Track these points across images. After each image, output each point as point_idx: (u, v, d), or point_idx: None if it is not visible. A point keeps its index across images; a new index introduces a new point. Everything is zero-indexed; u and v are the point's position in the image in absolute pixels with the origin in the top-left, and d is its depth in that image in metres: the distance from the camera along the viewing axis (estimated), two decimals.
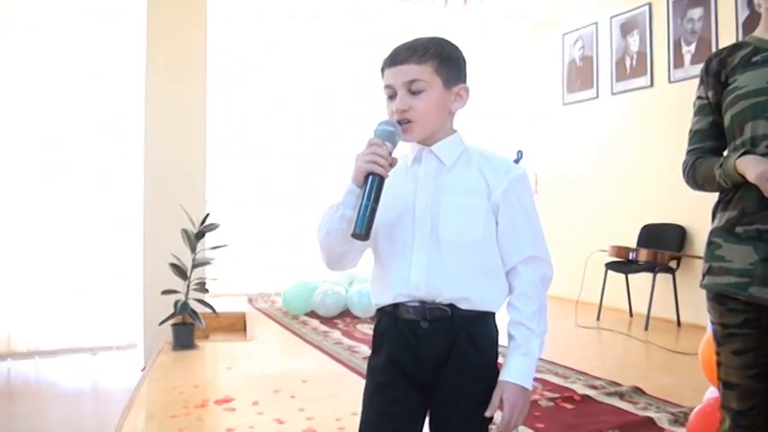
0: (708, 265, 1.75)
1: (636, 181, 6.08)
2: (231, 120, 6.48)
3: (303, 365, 4.18)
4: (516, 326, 1.49)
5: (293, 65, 6.60)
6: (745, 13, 5.15)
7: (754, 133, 1.63)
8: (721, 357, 1.74)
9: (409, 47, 1.48)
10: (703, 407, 2.67)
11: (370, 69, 6.59)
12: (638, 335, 5.18)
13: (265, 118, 6.67)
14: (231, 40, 6.39)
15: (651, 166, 5.89)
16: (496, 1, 5.02)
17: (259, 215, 6.61)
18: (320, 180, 6.66)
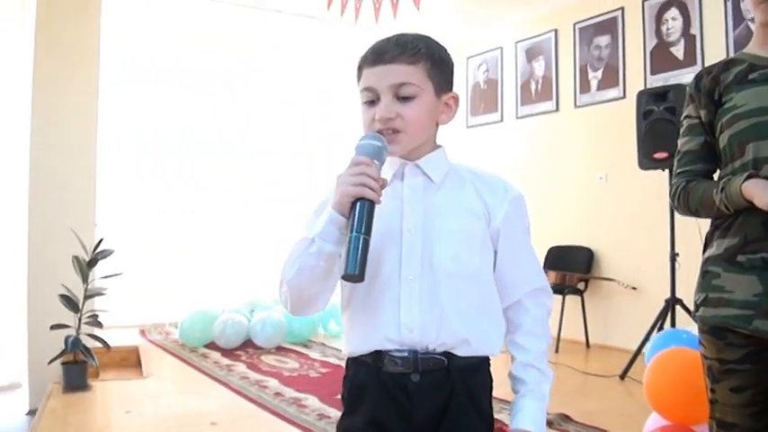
0: (704, 296, 1.66)
1: (542, 204, 6.12)
2: (123, 133, 6.02)
3: (210, 405, 3.85)
4: (526, 368, 1.33)
5: (187, 76, 6.23)
6: (653, 41, 5.33)
7: (756, 155, 1.55)
8: (717, 395, 1.64)
9: (397, 42, 1.26)
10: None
11: (275, 85, 6.43)
12: (550, 357, 5.16)
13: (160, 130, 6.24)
14: (131, 49, 5.98)
15: (557, 188, 5.98)
16: (401, 22, 4.93)
17: (149, 239, 6.13)
18: (220, 201, 6.31)
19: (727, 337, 1.59)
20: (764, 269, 1.52)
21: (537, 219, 5.85)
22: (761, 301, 1.52)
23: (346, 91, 6.94)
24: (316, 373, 4.61)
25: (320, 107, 6.87)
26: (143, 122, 6.04)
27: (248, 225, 6.39)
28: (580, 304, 5.55)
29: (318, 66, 6.81)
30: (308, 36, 6.68)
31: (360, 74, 1.29)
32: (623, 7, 5.58)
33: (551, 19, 6.25)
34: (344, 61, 6.92)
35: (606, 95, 5.67)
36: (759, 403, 1.58)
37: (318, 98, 6.85)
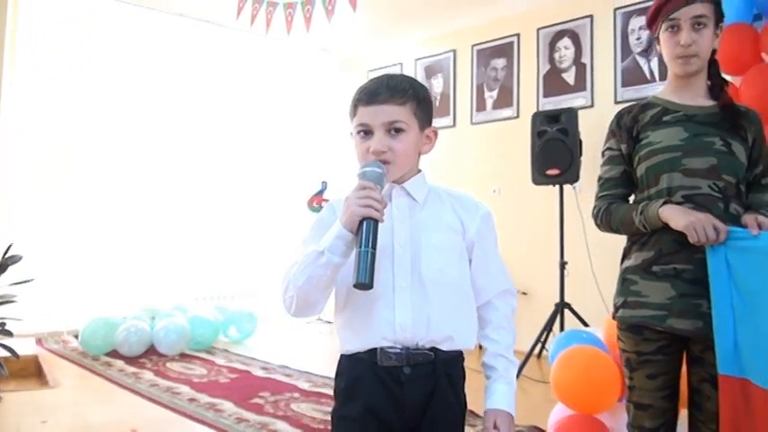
0: (623, 299, 2.01)
1: None
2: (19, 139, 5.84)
3: (126, 413, 3.91)
4: (496, 357, 1.61)
5: (92, 79, 6.14)
6: (546, 67, 5.85)
7: (670, 184, 1.92)
8: (634, 382, 2.00)
9: (388, 86, 1.51)
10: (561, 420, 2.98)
11: (177, 93, 6.45)
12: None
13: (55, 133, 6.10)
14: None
15: None
16: (306, 34, 5.17)
17: (42, 246, 5.96)
18: (112, 208, 6.20)
19: (643, 334, 1.96)
20: (676, 277, 1.89)
21: None
22: (673, 304, 1.89)
23: (248, 98, 7.09)
24: (225, 378, 4.73)
25: (229, 116, 6.96)
26: (39, 125, 5.89)
27: (143, 232, 6.33)
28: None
29: (225, 73, 6.90)
30: (215, 43, 6.77)
31: (355, 111, 1.54)
32: (519, 34, 6.09)
33: (451, 39, 6.68)
34: (249, 69, 7.08)
35: (501, 114, 6.15)
36: (670, 387, 1.96)
37: (226, 106, 6.93)
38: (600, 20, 5.56)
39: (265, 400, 4.16)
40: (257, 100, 7.21)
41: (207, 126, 6.78)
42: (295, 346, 6.12)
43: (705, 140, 1.90)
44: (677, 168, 1.91)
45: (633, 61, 5.31)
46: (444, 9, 6.12)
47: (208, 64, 6.75)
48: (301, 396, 4.27)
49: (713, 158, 1.89)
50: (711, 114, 1.95)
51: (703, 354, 1.85)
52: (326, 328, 6.97)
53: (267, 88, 7.28)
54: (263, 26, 5.39)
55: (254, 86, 7.18)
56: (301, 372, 4.95)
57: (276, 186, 7.31)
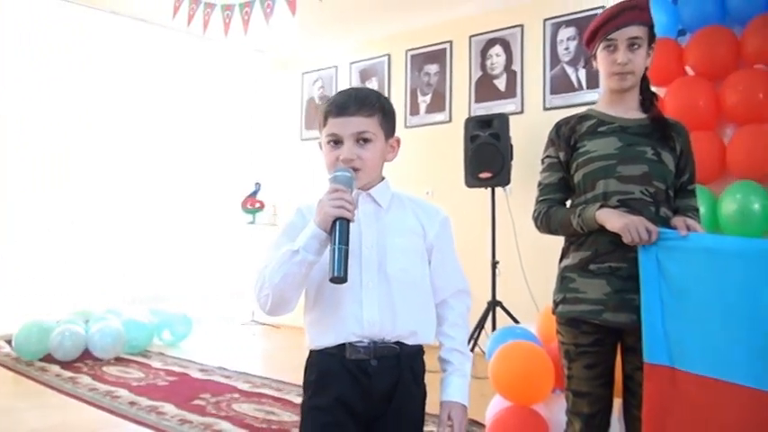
0: (562, 296, 2.20)
1: None
2: None
3: (70, 418, 3.88)
4: (451, 352, 1.76)
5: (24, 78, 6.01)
6: (478, 73, 6.08)
7: (605, 189, 2.11)
8: (573, 371, 2.19)
9: (357, 98, 1.64)
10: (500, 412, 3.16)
11: (107, 93, 6.38)
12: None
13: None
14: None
15: None
16: (240, 34, 5.23)
17: None
18: (47, 211, 6.08)
19: (581, 327, 2.14)
20: (611, 274, 2.08)
21: None
22: (608, 299, 2.08)
23: (181, 98, 7.06)
24: (163, 381, 4.75)
25: (162, 116, 6.92)
26: None
27: (74, 234, 6.22)
28: None
29: (157, 72, 6.86)
30: (146, 41, 6.72)
31: (325, 122, 1.66)
32: (452, 41, 6.32)
33: (385, 44, 6.86)
34: (182, 68, 7.05)
35: (434, 118, 6.35)
36: (605, 376, 2.15)
37: (159, 106, 6.89)
38: (530, 29, 5.83)
39: (206, 401, 4.22)
40: (190, 100, 7.19)
41: (138, 126, 6.72)
42: (230, 348, 6.17)
43: (638, 150, 2.10)
44: (612, 175, 2.10)
45: (561, 70, 5.59)
46: (379, 14, 6.29)
47: (139, 63, 6.70)
48: (242, 396, 4.35)
49: (645, 166, 2.08)
50: (643, 126, 2.15)
51: (636, 344, 2.04)
52: (260, 330, 7.05)
53: (200, 88, 7.28)
54: (201, 27, 5.40)
55: (187, 86, 7.16)
56: (239, 373, 5.02)
57: (209, 188, 7.31)
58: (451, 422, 1.69)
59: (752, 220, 3.53)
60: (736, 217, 3.56)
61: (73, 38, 6.25)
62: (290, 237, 1.61)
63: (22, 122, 5.95)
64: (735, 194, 3.62)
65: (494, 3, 5.91)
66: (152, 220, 6.79)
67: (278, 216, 7.38)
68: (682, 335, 1.88)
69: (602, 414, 2.16)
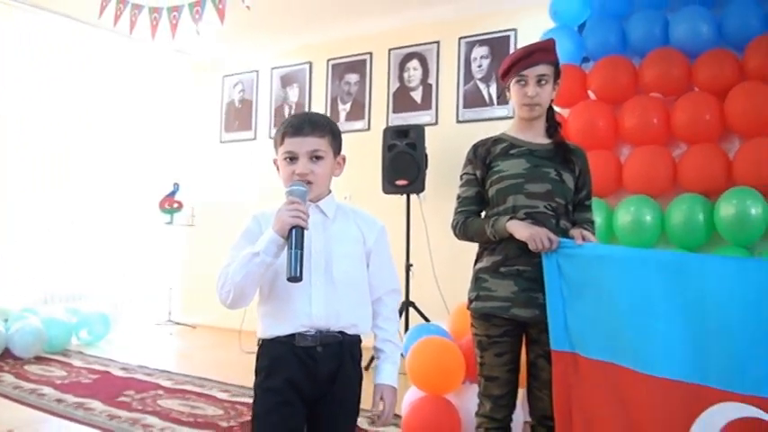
0: (476, 294, 2.56)
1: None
2: None
3: (3, 417, 3.96)
4: (385, 342, 2.08)
5: None
6: (396, 85, 6.46)
7: (515, 203, 2.49)
8: (485, 359, 2.55)
9: (310, 121, 1.93)
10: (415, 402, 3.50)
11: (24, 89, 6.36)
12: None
13: None
14: None
15: None
16: (160, 35, 5.38)
17: None
18: None
19: (492, 321, 2.51)
20: (518, 276, 2.46)
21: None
22: (516, 297, 2.45)
23: (99, 97, 7.10)
24: (86, 379, 4.88)
25: (80, 114, 6.93)
26: None
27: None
28: None
29: (75, 69, 6.86)
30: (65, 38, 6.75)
31: (282, 140, 1.93)
32: (372, 52, 6.67)
33: (307, 52, 7.15)
34: (100, 66, 7.10)
35: (353, 126, 6.68)
36: (512, 363, 2.52)
37: (76, 104, 6.89)
38: (446, 46, 6.25)
39: (131, 397, 4.40)
40: (110, 99, 7.23)
41: (56, 123, 6.72)
42: (148, 347, 6.31)
43: (543, 170, 2.49)
44: (521, 191, 2.48)
45: (474, 86, 6.03)
46: (302, 23, 6.58)
47: (59, 60, 6.70)
48: (166, 393, 4.55)
49: (548, 185, 2.47)
50: (548, 150, 2.54)
51: (539, 335, 2.43)
52: (176, 330, 7.19)
53: (120, 87, 7.32)
54: (127, 27, 5.49)
55: (107, 85, 7.19)
56: (161, 371, 5.21)
57: (128, 187, 7.37)
58: (383, 401, 2.02)
59: (644, 229, 4.05)
60: (630, 227, 4.07)
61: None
62: (249, 240, 1.89)
63: None
64: (629, 207, 4.13)
65: (413, 19, 6.30)
66: (70, 219, 6.80)
67: (195, 217, 7.50)
68: (580, 326, 2.28)
69: (509, 395, 2.53)
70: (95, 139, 7.07)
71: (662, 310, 2.07)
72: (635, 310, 2.15)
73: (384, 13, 6.31)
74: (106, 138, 7.21)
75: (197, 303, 7.48)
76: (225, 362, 5.75)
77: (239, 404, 4.33)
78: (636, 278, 2.18)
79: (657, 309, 2.08)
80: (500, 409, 2.52)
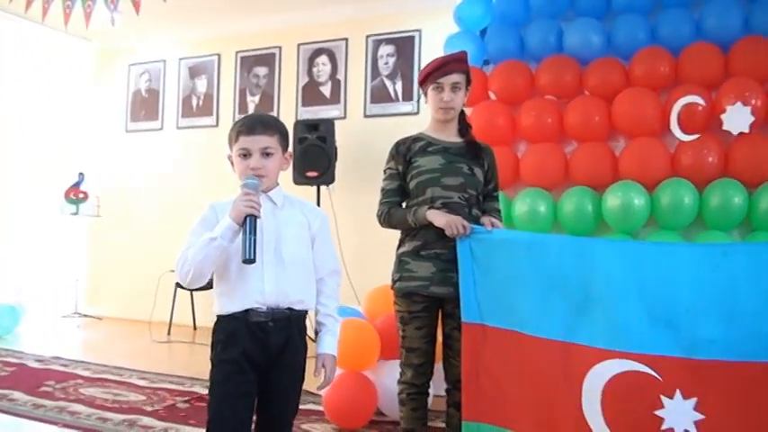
0: (399, 275, 2.91)
1: (201, 206, 7.04)
2: None
3: None
4: (326, 317, 2.38)
5: None
6: (305, 79, 6.76)
7: (433, 195, 2.85)
8: (406, 333, 2.90)
9: (262, 122, 2.22)
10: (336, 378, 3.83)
11: None
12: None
13: None
14: None
15: (215, 195, 6.88)
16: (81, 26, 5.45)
17: None
18: None
19: (413, 298, 2.86)
20: (436, 258, 2.82)
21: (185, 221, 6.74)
22: (434, 276, 2.82)
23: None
24: (3, 372, 4.93)
25: None
26: None
27: None
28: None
29: None
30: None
31: (237, 138, 2.21)
32: (281, 46, 6.94)
33: (216, 44, 7.33)
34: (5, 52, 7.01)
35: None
36: (430, 335, 2.89)
37: None
38: (354, 43, 6.60)
39: (53, 387, 4.50)
40: (12, 86, 7.17)
41: None
42: (58, 339, 6.38)
43: (456, 166, 2.87)
44: (438, 184, 2.85)
45: (381, 82, 6.42)
46: (211, 14, 6.76)
47: None
48: (86, 382, 4.68)
49: (461, 178, 2.86)
50: (460, 148, 2.93)
51: (454, 310, 2.80)
52: (83, 321, 7.24)
53: (19, 73, 7.26)
54: (40, 13, 5.49)
55: (5, 71, 7.11)
56: (77, 361, 5.31)
57: (32, 177, 7.33)
58: (325, 368, 2.34)
59: (539, 218, 4.53)
60: (527, 216, 4.55)
61: None
62: (205, 227, 2.17)
63: None
64: (525, 198, 4.61)
65: (322, 15, 6.62)
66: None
67: (101, 207, 7.54)
68: (488, 300, 2.67)
69: (427, 364, 2.91)
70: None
71: (557, 283, 2.50)
72: (534, 284, 2.56)
73: (293, 8, 6.60)
74: (7, 126, 7.14)
75: (103, 295, 7.56)
76: (137, 352, 5.90)
77: (160, 390, 4.53)
78: (536, 258, 2.60)
79: (554, 283, 2.51)
80: (419, 377, 2.89)
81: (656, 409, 2.25)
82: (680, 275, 2.32)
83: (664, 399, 2.25)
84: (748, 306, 2.19)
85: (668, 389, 2.24)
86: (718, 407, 2.20)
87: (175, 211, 7.28)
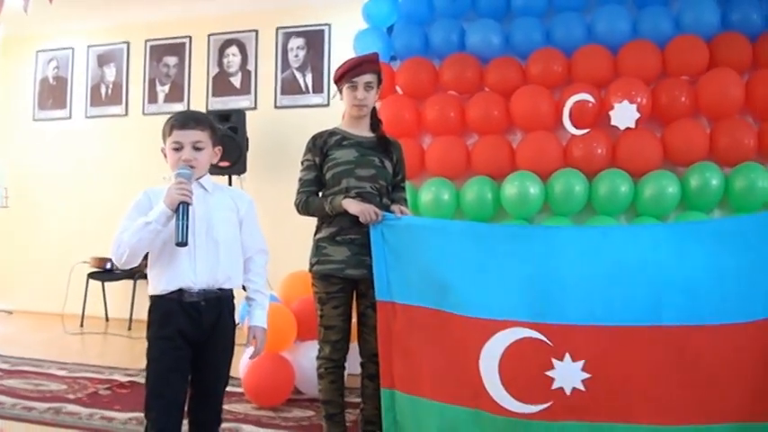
0: (317, 259, 3.15)
1: (109, 197, 6.98)
2: None
3: None
4: (255, 292, 2.60)
5: None
6: (216, 69, 6.88)
7: (347, 185, 3.10)
8: (324, 312, 3.14)
9: (193, 118, 2.43)
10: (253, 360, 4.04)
11: None
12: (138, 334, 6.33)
13: None
14: None
15: (123, 183, 6.93)
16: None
17: None
18: None
19: (330, 280, 3.10)
20: (351, 243, 3.06)
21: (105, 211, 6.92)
22: (349, 260, 3.06)
23: None
24: None
25: None
26: None
27: None
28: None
29: None
30: None
31: (170, 132, 2.40)
32: (191, 36, 7.02)
33: (125, 32, 7.32)
34: None
35: (172, 108, 6.94)
36: (346, 314, 3.12)
37: None
38: (264, 35, 6.76)
39: None
40: None
41: None
42: None
43: (369, 158, 3.13)
44: (352, 175, 3.10)
45: (291, 74, 6.61)
46: (119, 1, 6.69)
47: None
48: (5, 374, 4.69)
49: (373, 170, 3.12)
50: (372, 142, 3.19)
51: (367, 290, 3.06)
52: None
53: None
54: None
55: None
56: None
57: None
58: (256, 339, 2.57)
59: (442, 206, 4.87)
60: (432, 204, 4.88)
61: None
62: (140, 212, 2.34)
63: None
64: (430, 187, 4.94)
65: (232, 6, 6.70)
66: None
67: (10, 198, 7.42)
68: (398, 280, 2.95)
69: (343, 341, 3.16)
70: None
71: (459, 263, 2.80)
72: (439, 264, 2.85)
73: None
74: None
75: (13, 288, 7.46)
76: (52, 343, 5.89)
77: (80, 379, 4.60)
78: (440, 241, 2.89)
79: (456, 262, 2.80)
80: (337, 352, 3.15)
81: (547, 370, 2.59)
82: (566, 254, 2.68)
83: (554, 361, 2.58)
84: (625, 278, 2.56)
85: (558, 353, 2.58)
86: (603, 367, 2.54)
87: (86, 201, 7.31)
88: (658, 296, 2.52)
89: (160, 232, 2.29)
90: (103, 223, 6.95)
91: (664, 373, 2.49)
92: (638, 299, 2.54)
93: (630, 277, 2.56)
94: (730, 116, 4.60)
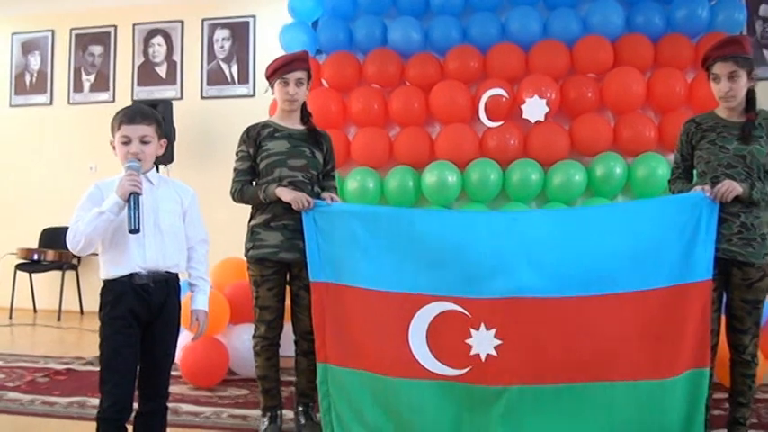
0: (252, 244, 3.32)
1: (35, 187, 7.05)
2: None
3: None
4: (198, 278, 2.78)
5: None
6: (141, 59, 6.94)
7: (280, 175, 3.29)
8: (259, 293, 3.31)
9: (141, 113, 2.57)
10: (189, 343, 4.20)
11: None
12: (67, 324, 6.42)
13: None
14: None
15: (49, 173, 7.00)
16: None
17: None
18: None
19: (265, 263, 3.28)
20: (284, 228, 3.23)
21: (32, 202, 6.91)
22: (282, 244, 3.25)
23: None
24: None
25: None
26: None
27: None
28: (76, 278, 6.87)
29: None
30: None
31: (119, 126, 2.54)
32: (116, 26, 7.05)
33: (49, 20, 7.27)
34: None
35: (98, 97, 7.03)
36: (280, 295, 3.26)
37: None
38: (189, 26, 6.85)
39: None
40: None
41: None
42: None
43: (300, 149, 3.33)
44: (284, 165, 3.28)
45: (217, 65, 6.74)
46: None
47: None
48: None
49: (305, 161, 3.32)
50: (303, 134, 3.38)
51: (300, 272, 3.27)
52: None
53: None
54: None
55: None
56: None
57: None
58: (198, 321, 2.77)
59: (367, 194, 5.12)
60: (358, 192, 5.13)
61: None
62: (93, 203, 2.48)
63: None
64: (356, 176, 5.18)
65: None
66: None
67: None
68: (331, 262, 3.17)
69: (278, 320, 3.35)
70: None
71: (386, 244, 3.06)
72: (368, 246, 3.10)
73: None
74: None
75: None
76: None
77: (17, 368, 4.68)
78: (368, 225, 3.13)
79: (383, 244, 3.07)
80: (271, 330, 3.34)
81: (466, 338, 2.90)
82: (480, 237, 2.99)
83: (472, 330, 2.90)
84: (534, 257, 2.91)
85: (475, 323, 2.90)
86: (513, 333, 2.87)
87: (12, 191, 7.25)
88: (563, 271, 2.88)
89: (113, 221, 2.44)
90: (30, 213, 7.00)
91: (570, 338, 2.85)
92: (546, 274, 2.88)
93: (540, 255, 2.91)
94: (633, 111, 5.02)
